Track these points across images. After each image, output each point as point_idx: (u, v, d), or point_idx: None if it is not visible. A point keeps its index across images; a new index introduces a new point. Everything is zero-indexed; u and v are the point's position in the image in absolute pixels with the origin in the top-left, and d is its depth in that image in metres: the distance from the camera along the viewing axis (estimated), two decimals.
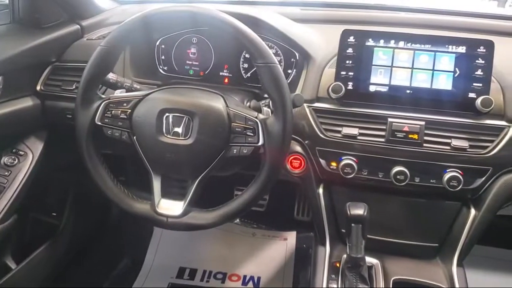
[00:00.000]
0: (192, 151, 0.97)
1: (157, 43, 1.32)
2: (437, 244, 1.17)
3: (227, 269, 1.86)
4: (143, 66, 1.30)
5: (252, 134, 0.95)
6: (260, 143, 0.95)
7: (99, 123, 1.01)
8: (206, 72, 1.31)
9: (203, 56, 1.30)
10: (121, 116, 1.01)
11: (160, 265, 1.88)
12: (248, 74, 1.28)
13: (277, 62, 0.94)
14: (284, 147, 0.96)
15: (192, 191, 0.99)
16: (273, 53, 1.19)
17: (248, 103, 1.12)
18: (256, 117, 0.96)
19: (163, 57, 1.33)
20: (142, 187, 1.06)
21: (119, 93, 1.07)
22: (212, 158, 0.97)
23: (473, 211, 1.10)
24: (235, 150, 0.97)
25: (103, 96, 1.04)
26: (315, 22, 1.32)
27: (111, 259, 1.87)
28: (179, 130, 0.97)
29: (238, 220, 2.05)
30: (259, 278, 1.82)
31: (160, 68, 1.33)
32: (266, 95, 1.06)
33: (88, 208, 1.73)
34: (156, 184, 1.02)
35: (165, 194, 1.02)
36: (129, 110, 1.00)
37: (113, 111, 1.01)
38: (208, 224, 0.99)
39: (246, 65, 1.28)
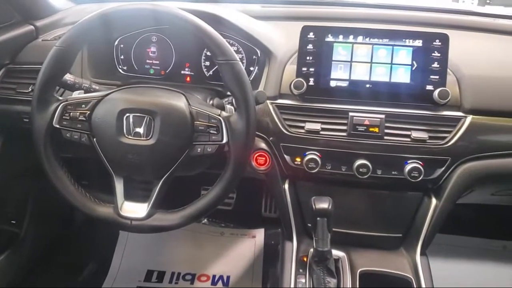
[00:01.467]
0: (155, 152, 0.95)
1: (116, 43, 1.29)
2: (400, 235, 1.19)
3: (196, 269, 1.85)
4: (102, 66, 1.27)
5: (215, 132, 0.94)
6: (224, 141, 0.94)
7: (57, 126, 0.98)
8: (167, 71, 1.29)
9: (163, 55, 1.29)
10: (79, 118, 0.98)
11: (127, 269, 1.84)
12: (211, 72, 1.27)
13: (238, 59, 0.93)
14: (248, 144, 0.96)
15: (156, 192, 0.98)
16: (234, 50, 1.19)
17: (211, 101, 1.11)
18: (219, 115, 0.95)
19: (122, 57, 1.30)
20: (106, 190, 1.04)
21: (77, 95, 1.04)
22: (176, 158, 0.96)
23: (434, 201, 1.13)
24: (199, 149, 0.96)
25: (60, 98, 1.00)
26: (276, 19, 1.32)
27: (76, 264, 1.82)
28: (140, 130, 0.95)
29: (205, 220, 2.04)
30: (228, 277, 1.81)
31: (120, 68, 1.31)
32: (229, 93, 1.05)
33: (50, 214, 1.68)
34: (119, 187, 0.99)
35: (129, 196, 1.00)
36: (88, 112, 0.97)
37: (71, 113, 0.98)
38: (174, 225, 0.98)
39: (208, 63, 1.27)
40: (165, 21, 0.96)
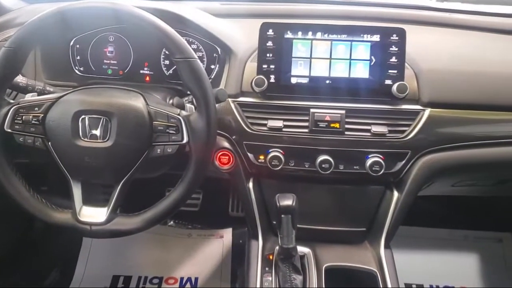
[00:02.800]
0: (112, 154, 0.92)
1: (71, 43, 1.25)
2: (364, 229, 1.21)
3: (164, 272, 1.82)
4: (56, 67, 1.23)
5: (175, 132, 0.93)
6: (185, 140, 0.93)
7: (9, 130, 0.94)
8: (126, 71, 1.26)
9: (121, 55, 1.25)
10: (33, 122, 0.94)
11: (92, 275, 1.79)
12: (170, 71, 1.25)
13: (196, 57, 0.92)
14: (209, 143, 0.94)
15: (115, 196, 0.95)
16: (194, 48, 1.19)
17: (171, 101, 1.09)
18: (178, 114, 0.93)
19: (78, 58, 1.26)
20: (68, 195, 1.01)
21: (30, 97, 1.00)
22: (135, 159, 0.94)
23: (396, 194, 1.15)
24: (158, 150, 0.94)
25: (11, 101, 0.96)
26: (236, 16, 1.31)
27: (38, 273, 1.76)
28: (96, 132, 0.92)
29: (172, 222, 2.01)
30: (196, 279, 1.79)
31: (76, 69, 1.26)
32: (189, 92, 1.03)
33: (8, 222, 1.62)
34: (77, 191, 0.96)
35: (88, 201, 0.98)
36: (42, 115, 0.94)
37: (23, 117, 0.94)
38: (135, 229, 0.96)
39: (167, 62, 1.24)
40: (122, 20, 0.93)
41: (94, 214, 0.96)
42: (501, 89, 1.12)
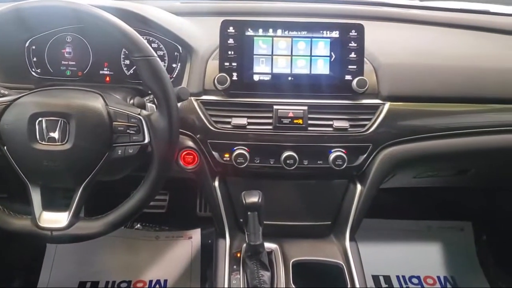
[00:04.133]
0: (72, 157, 0.90)
1: (27, 44, 1.21)
2: (330, 222, 1.22)
3: (132, 276, 1.80)
4: (12, 70, 1.18)
5: (136, 132, 0.91)
6: (146, 140, 0.92)
7: None
8: (85, 72, 1.22)
9: (80, 55, 1.22)
10: None
11: (57, 283, 1.75)
12: (131, 71, 1.23)
13: (155, 55, 0.91)
14: (172, 142, 0.93)
15: (76, 200, 0.93)
16: (155, 47, 1.17)
17: (132, 101, 1.07)
18: (139, 114, 0.92)
19: (35, 59, 1.22)
20: (27, 201, 0.97)
21: None
22: (95, 162, 0.92)
23: (359, 187, 1.17)
24: (119, 151, 0.92)
25: None
26: (196, 14, 1.30)
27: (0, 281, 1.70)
28: (54, 135, 0.90)
29: (139, 225, 1.98)
30: (165, 281, 1.78)
31: (33, 71, 1.22)
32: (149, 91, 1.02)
33: None
34: (36, 196, 0.94)
35: (48, 206, 0.95)
36: None
37: None
38: (98, 233, 0.94)
39: (127, 62, 1.22)
40: (79, 19, 0.91)
41: (55, 219, 0.93)
42: (457, 81, 1.16)
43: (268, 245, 1.14)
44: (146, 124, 0.91)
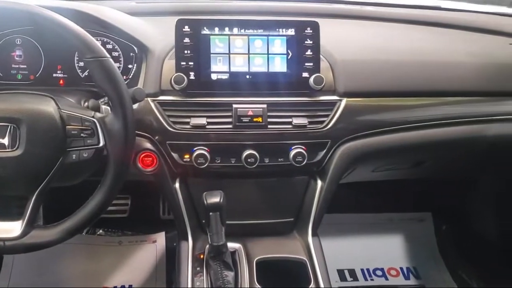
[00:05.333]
0: (23, 163, 0.86)
1: None
2: (292, 219, 1.23)
3: (95, 283, 1.75)
4: None
5: (90, 136, 0.89)
6: (101, 144, 0.89)
7: None
8: (37, 75, 1.18)
9: (31, 58, 1.18)
10: None
11: None
12: (86, 73, 1.19)
13: (108, 56, 0.89)
14: (128, 144, 0.91)
15: (30, 207, 0.89)
16: (109, 48, 1.14)
17: (86, 103, 1.04)
18: (92, 117, 0.89)
19: None
20: None
21: None
22: (49, 167, 0.88)
23: (319, 183, 1.18)
24: (74, 156, 0.89)
25: None
26: (151, 14, 1.28)
27: None
28: (4, 141, 0.86)
29: (101, 230, 1.94)
30: (130, 286, 1.74)
31: None
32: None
33: None
34: None
35: (0, 215, 0.91)
36: None
37: None
38: (54, 240, 0.90)
39: (81, 64, 1.19)
40: (26, 21, 0.88)
41: (7, 229, 0.89)
42: (410, 76, 1.19)
43: (232, 245, 1.13)
44: (100, 127, 0.89)
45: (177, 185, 1.16)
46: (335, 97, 1.12)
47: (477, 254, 1.96)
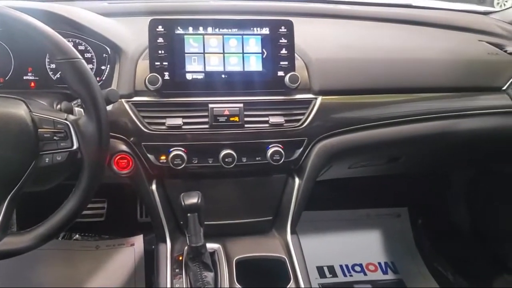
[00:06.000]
0: None
1: None
2: (271, 217, 1.23)
3: None
4: None
5: (64, 138, 0.87)
6: (75, 146, 0.87)
7: None
8: (7, 78, 1.15)
9: (0, 61, 1.15)
10: None
11: None
12: (58, 75, 1.17)
13: (80, 57, 0.87)
14: (102, 147, 0.90)
15: (2, 213, 0.86)
16: (82, 50, 1.12)
17: (59, 106, 1.02)
18: (65, 119, 0.88)
19: None
20: None
21: None
22: (21, 172, 0.86)
23: (297, 181, 1.19)
24: (47, 159, 0.87)
25: None
26: (125, 15, 1.27)
27: None
28: None
29: (77, 235, 1.90)
30: None
31: None
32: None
33: None
34: None
35: None
36: None
37: None
38: (27, 247, 0.88)
39: (53, 66, 1.16)
40: None
41: None
42: (384, 73, 1.21)
43: (211, 246, 1.13)
44: (73, 130, 0.87)
45: (153, 187, 1.14)
46: (310, 96, 1.13)
47: (452, 247, 2.01)
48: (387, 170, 1.70)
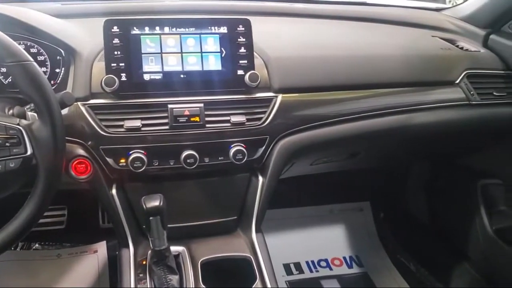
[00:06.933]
0: None
1: None
2: (235, 217, 1.23)
3: None
4: None
5: (17, 144, 0.83)
6: (29, 152, 0.84)
7: None
8: None
9: None
10: None
11: None
12: (9, 79, 1.13)
13: (31, 59, 0.84)
14: (58, 152, 0.87)
15: None
16: (34, 52, 1.09)
17: (11, 111, 0.98)
18: (18, 124, 0.84)
19: None
20: None
21: None
22: None
23: (261, 179, 1.19)
24: None
25: None
26: (79, 16, 1.23)
27: None
28: None
29: (37, 244, 1.84)
30: None
31: None
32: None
33: None
34: None
35: None
36: None
37: None
38: None
39: (4, 70, 1.12)
40: None
41: None
42: (341, 70, 1.23)
43: (175, 248, 1.11)
44: (27, 135, 0.84)
45: (114, 191, 1.12)
46: (270, 94, 1.14)
47: (413, 239, 2.07)
48: (348, 165, 1.73)
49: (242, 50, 1.10)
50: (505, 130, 1.50)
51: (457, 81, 1.37)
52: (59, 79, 1.12)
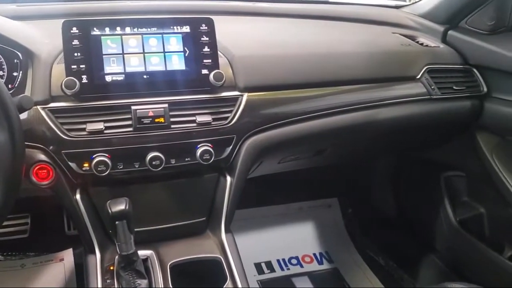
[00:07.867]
0: None
1: None
2: (204, 218, 1.21)
3: None
4: None
5: None
6: None
7: None
8: None
9: None
10: None
11: None
12: None
13: None
14: (16, 157, 0.84)
15: None
16: None
17: None
18: None
19: None
20: None
21: None
22: None
23: (229, 179, 1.18)
24: None
25: None
26: (36, 18, 1.21)
27: None
28: None
29: None
30: None
31: None
32: None
33: None
34: None
35: None
36: None
37: None
38: None
39: None
40: None
41: None
42: (304, 68, 1.24)
43: (143, 252, 1.09)
44: None
45: (78, 196, 1.08)
46: (236, 93, 1.13)
47: (381, 233, 2.11)
48: (315, 162, 1.74)
49: (206, 49, 1.09)
50: (464, 123, 1.54)
51: (418, 76, 1.40)
52: (17, 82, 1.08)
